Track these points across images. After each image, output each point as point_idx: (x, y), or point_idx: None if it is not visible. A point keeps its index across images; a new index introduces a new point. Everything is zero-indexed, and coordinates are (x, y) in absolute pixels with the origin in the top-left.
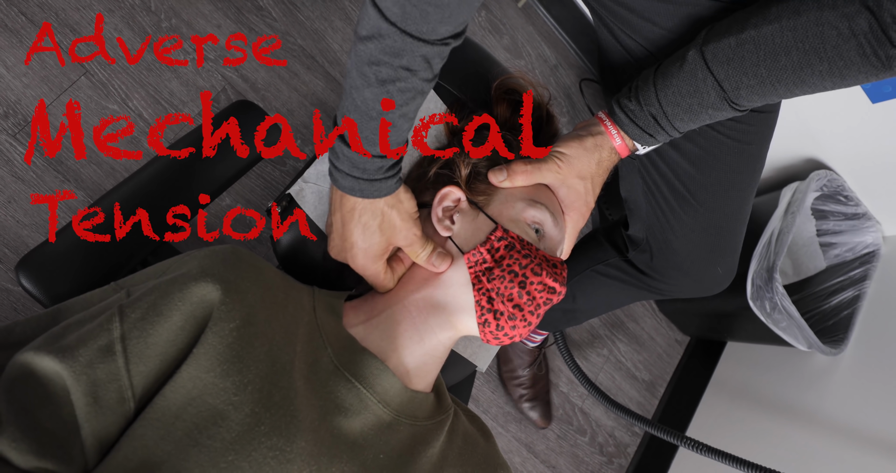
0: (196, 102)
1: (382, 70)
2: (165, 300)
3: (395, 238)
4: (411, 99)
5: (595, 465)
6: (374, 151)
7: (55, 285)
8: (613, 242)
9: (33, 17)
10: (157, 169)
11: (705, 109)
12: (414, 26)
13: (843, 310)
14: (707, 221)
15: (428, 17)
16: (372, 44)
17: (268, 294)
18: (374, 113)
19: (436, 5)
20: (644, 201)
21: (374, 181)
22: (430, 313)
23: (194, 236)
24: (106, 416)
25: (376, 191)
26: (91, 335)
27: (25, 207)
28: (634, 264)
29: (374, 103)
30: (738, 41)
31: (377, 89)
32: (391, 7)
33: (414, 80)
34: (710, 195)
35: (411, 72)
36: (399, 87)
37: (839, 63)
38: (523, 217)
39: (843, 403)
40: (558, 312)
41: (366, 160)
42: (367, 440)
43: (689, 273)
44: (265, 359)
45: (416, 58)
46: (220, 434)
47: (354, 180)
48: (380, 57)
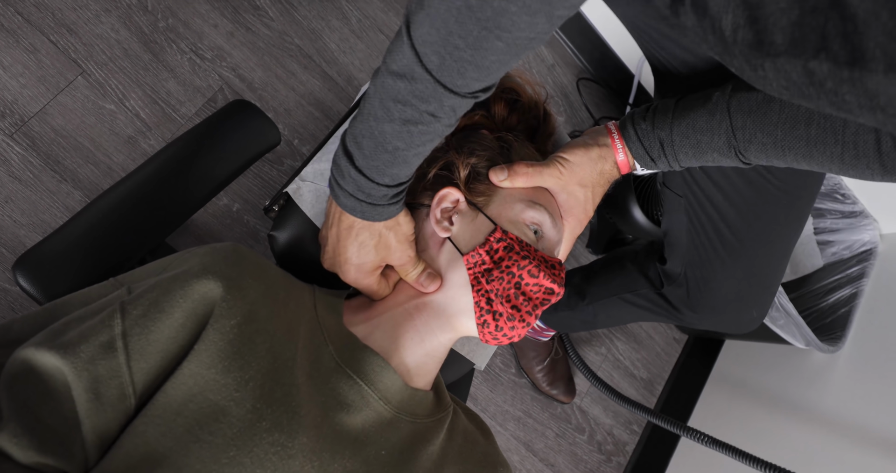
0: (193, 101)
1: (407, 111)
2: (167, 296)
3: (388, 258)
4: (430, 141)
5: (594, 463)
6: (381, 181)
7: (53, 285)
8: (645, 272)
9: (30, 16)
10: (154, 169)
11: (711, 150)
12: (449, 79)
13: (841, 308)
14: (749, 268)
15: (465, 73)
16: (402, 83)
17: (269, 292)
18: (390, 147)
19: (476, 65)
20: (687, 239)
21: (377, 206)
22: (430, 314)
23: (192, 234)
24: (107, 412)
25: (378, 215)
26: (92, 332)
27: (23, 206)
28: (666, 297)
29: (392, 139)
30: (766, 98)
31: (398, 127)
32: (430, 55)
33: (437, 125)
34: (757, 244)
35: (436, 118)
36: (421, 129)
37: (852, 151)
38: (522, 218)
39: (842, 400)
40: (577, 321)
41: (372, 186)
42: (368, 436)
43: (723, 313)
44: (266, 356)
45: (445, 107)
46: (222, 429)
47: (357, 202)
48: (407, 98)
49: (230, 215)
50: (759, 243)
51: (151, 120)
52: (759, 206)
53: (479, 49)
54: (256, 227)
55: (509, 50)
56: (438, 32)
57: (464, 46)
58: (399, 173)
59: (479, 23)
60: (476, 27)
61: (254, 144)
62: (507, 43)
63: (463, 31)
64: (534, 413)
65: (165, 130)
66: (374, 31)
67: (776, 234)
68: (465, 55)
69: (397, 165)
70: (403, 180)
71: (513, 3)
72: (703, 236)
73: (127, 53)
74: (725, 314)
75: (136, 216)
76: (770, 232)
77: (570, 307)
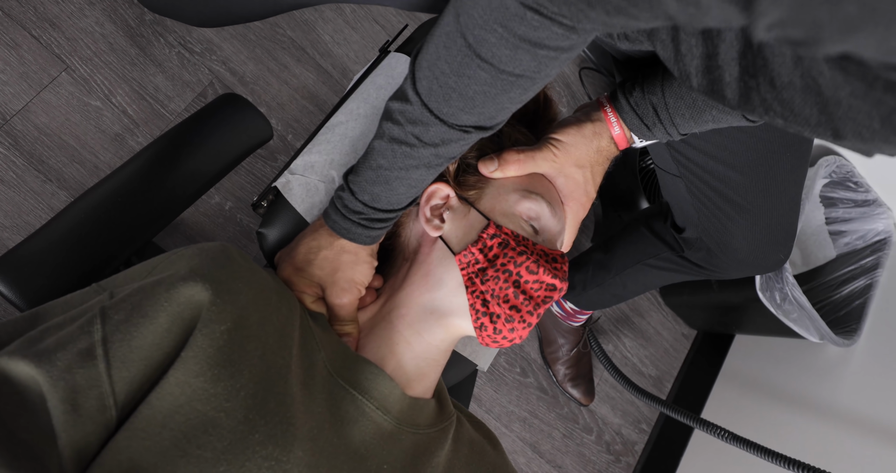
0: (182, 96)
1: (395, 129)
2: (151, 300)
3: (328, 283)
4: (413, 167)
5: (602, 464)
6: (361, 196)
7: (32, 289)
8: (661, 237)
9: (10, 11)
10: (140, 166)
11: (710, 107)
12: (435, 104)
13: (855, 300)
14: (766, 220)
15: (450, 101)
16: (398, 104)
17: (260, 296)
18: (375, 164)
19: (459, 93)
20: (695, 212)
21: (348, 220)
22: (424, 317)
23: (182, 232)
24: (85, 425)
25: (345, 231)
26: (70, 338)
27: (5, 208)
28: (690, 259)
29: (378, 156)
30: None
31: (385, 144)
32: (422, 80)
33: (421, 151)
34: (766, 198)
35: (420, 142)
36: (404, 151)
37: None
38: (517, 211)
39: (857, 394)
40: (608, 296)
41: (350, 198)
42: (368, 449)
43: (750, 264)
44: (259, 363)
45: (430, 132)
46: (211, 442)
47: (334, 210)
48: (398, 118)
49: (222, 214)
50: (767, 197)
51: (139, 116)
52: (758, 163)
53: (461, 76)
54: (250, 226)
55: (494, 83)
56: (430, 56)
57: (448, 72)
58: (379, 194)
59: (462, 49)
60: (459, 53)
61: (244, 139)
62: (490, 75)
63: (448, 56)
64: (540, 414)
65: (154, 126)
66: (368, 21)
67: (783, 183)
68: (449, 81)
69: (379, 184)
70: (384, 205)
71: (491, 34)
72: (710, 205)
73: (112, 48)
74: (751, 265)
75: (120, 216)
76: (776, 184)
77: (598, 283)
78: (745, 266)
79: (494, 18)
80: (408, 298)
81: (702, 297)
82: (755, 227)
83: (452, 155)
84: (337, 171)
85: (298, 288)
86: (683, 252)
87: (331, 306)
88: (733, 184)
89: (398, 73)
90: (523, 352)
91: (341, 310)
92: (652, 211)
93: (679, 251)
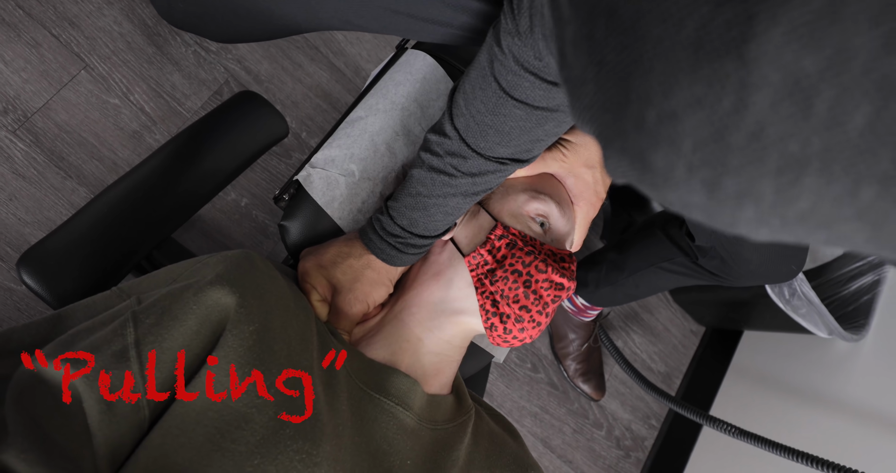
0: (199, 94)
1: (434, 160)
2: (179, 304)
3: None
4: (450, 195)
5: (612, 459)
6: (399, 221)
7: (58, 282)
8: (676, 242)
9: (31, 10)
10: (158, 163)
11: None
12: (473, 140)
13: (863, 295)
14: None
15: (487, 137)
16: (436, 137)
17: (280, 302)
18: (414, 191)
19: (496, 130)
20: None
21: (384, 241)
22: (436, 316)
23: (198, 232)
24: (120, 425)
25: (380, 251)
26: (104, 341)
27: (27, 204)
28: (703, 267)
29: (417, 184)
30: None
31: (424, 173)
32: (459, 117)
33: (459, 180)
34: None
35: (459, 172)
36: (443, 180)
37: None
38: (525, 211)
39: (867, 389)
40: (620, 294)
41: (389, 223)
42: (390, 445)
43: (762, 275)
44: (286, 363)
45: (468, 163)
46: (245, 437)
47: (372, 230)
48: (437, 149)
49: (238, 211)
50: None
51: (156, 114)
52: None
53: (497, 115)
54: (265, 222)
55: (529, 118)
56: (466, 96)
57: (484, 111)
58: (417, 219)
59: (496, 92)
60: (494, 95)
61: (260, 136)
62: (525, 112)
63: (484, 97)
64: (550, 409)
65: (171, 124)
66: None
67: None
68: (486, 119)
69: (417, 210)
70: (421, 230)
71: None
72: None
73: (130, 46)
74: (763, 275)
75: (140, 211)
76: None
77: (611, 282)
78: (757, 277)
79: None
80: (418, 297)
81: (710, 293)
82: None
83: (490, 186)
84: (357, 165)
85: (312, 282)
86: (698, 260)
87: (337, 311)
88: None
89: (416, 69)
90: (534, 348)
91: (345, 319)
92: (669, 215)
93: (694, 259)
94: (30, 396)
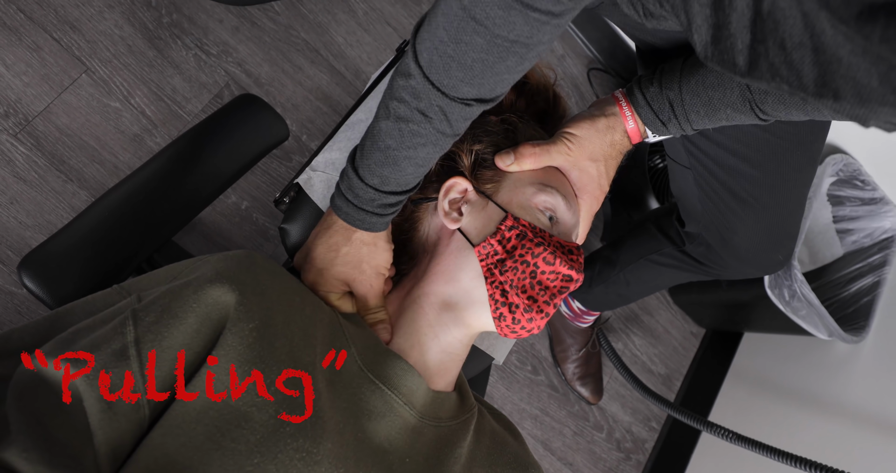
0: (199, 98)
1: (401, 108)
2: (179, 302)
3: (352, 277)
4: (420, 145)
5: (612, 462)
6: (370, 181)
7: (59, 285)
8: (666, 232)
9: (32, 14)
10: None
11: (725, 106)
12: (436, 76)
13: (863, 297)
14: (769, 219)
15: (450, 72)
16: (402, 81)
17: (284, 297)
18: (383, 145)
19: (459, 63)
20: (700, 205)
21: (360, 210)
22: (444, 309)
23: (200, 234)
24: (120, 423)
25: (359, 221)
26: (104, 340)
27: (27, 207)
28: (690, 255)
29: (385, 136)
30: None
31: (391, 124)
32: (423, 52)
33: (427, 127)
34: (772, 195)
35: (426, 118)
36: (411, 129)
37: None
38: (534, 203)
39: (867, 391)
40: (613, 296)
41: (361, 186)
42: (392, 444)
43: (748, 263)
44: (287, 360)
45: (433, 106)
46: (244, 436)
47: (344, 201)
48: (402, 95)
49: (239, 213)
50: (773, 194)
51: (157, 117)
52: (769, 157)
53: (459, 43)
54: (266, 225)
55: (490, 50)
56: (430, 26)
57: (447, 40)
58: (389, 176)
59: (458, 13)
60: (456, 18)
61: (261, 139)
62: (486, 40)
63: (446, 22)
64: (551, 411)
65: (172, 127)
66: (381, 23)
67: (790, 182)
68: (448, 50)
69: (388, 165)
70: (394, 187)
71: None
72: (715, 198)
73: (131, 50)
74: (750, 263)
75: (141, 214)
76: (783, 182)
77: (603, 279)
78: (743, 265)
79: None
80: (429, 289)
81: (710, 295)
82: (757, 224)
83: (457, 132)
84: None
85: (324, 290)
86: (684, 246)
87: (361, 297)
88: (742, 177)
89: None
90: (534, 350)
91: (372, 299)
92: (662, 211)
93: (680, 245)
94: (31, 395)
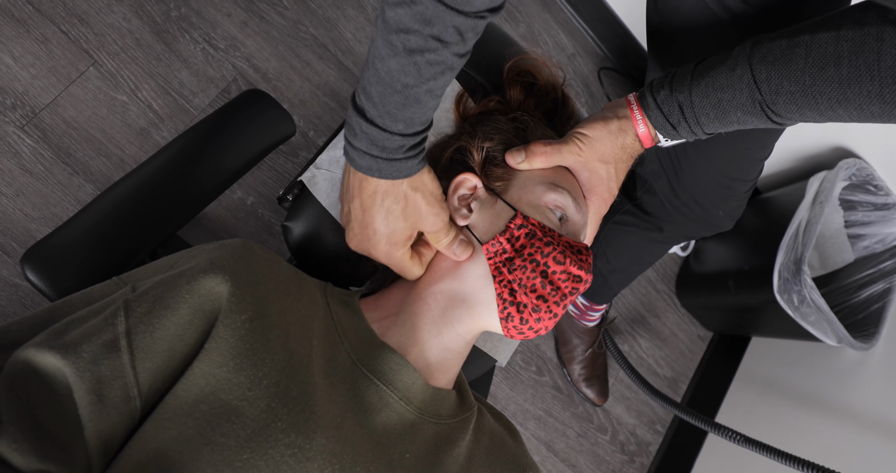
0: (206, 92)
1: (411, 39)
2: (172, 293)
3: (420, 223)
4: (440, 74)
5: (616, 464)
6: (395, 128)
7: (61, 279)
8: (625, 188)
9: (40, 6)
10: (165, 160)
11: (735, 109)
12: None
13: (874, 303)
14: (717, 170)
15: None
16: (402, 9)
17: (280, 286)
18: (399, 85)
19: None
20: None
21: (394, 161)
22: (449, 306)
23: (202, 228)
24: (111, 415)
25: (396, 172)
26: (95, 331)
27: (33, 200)
28: (643, 208)
29: (400, 75)
30: (790, 43)
31: (404, 59)
32: None
33: (445, 52)
34: (724, 149)
35: (442, 43)
36: (428, 58)
37: (892, 87)
38: (544, 202)
39: (876, 398)
40: (599, 277)
41: (386, 137)
42: (390, 439)
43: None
44: (281, 351)
45: (449, 28)
46: (235, 431)
47: (373, 159)
48: (410, 24)
49: (244, 209)
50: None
51: (164, 111)
52: None
53: None
54: (271, 220)
55: None
56: None
57: None
58: (413, 117)
59: None
60: None
61: (267, 134)
62: None
63: None
64: (555, 413)
65: (178, 121)
66: None
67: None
68: None
69: (409, 106)
70: (419, 126)
71: None
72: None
73: (139, 43)
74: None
75: (145, 208)
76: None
77: None
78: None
79: None
80: (435, 285)
81: (718, 298)
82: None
83: (469, 50)
84: None
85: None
86: (636, 198)
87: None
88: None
89: None
90: (539, 351)
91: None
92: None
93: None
94: (22, 386)
